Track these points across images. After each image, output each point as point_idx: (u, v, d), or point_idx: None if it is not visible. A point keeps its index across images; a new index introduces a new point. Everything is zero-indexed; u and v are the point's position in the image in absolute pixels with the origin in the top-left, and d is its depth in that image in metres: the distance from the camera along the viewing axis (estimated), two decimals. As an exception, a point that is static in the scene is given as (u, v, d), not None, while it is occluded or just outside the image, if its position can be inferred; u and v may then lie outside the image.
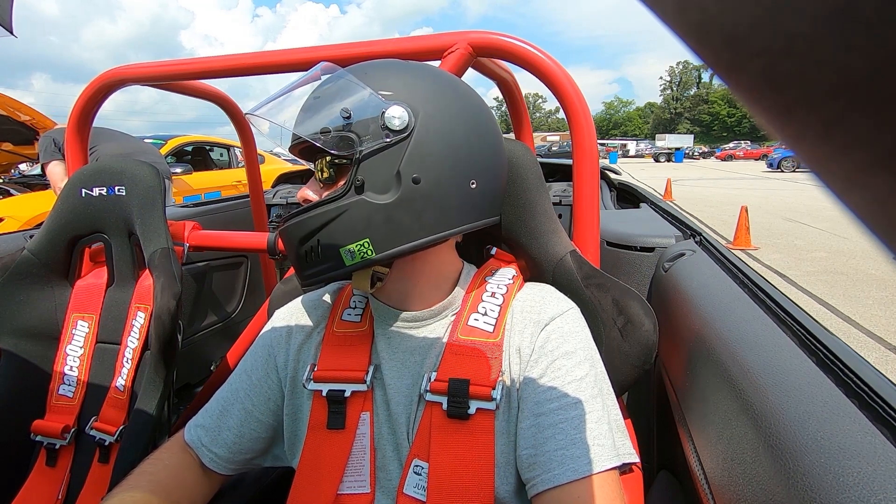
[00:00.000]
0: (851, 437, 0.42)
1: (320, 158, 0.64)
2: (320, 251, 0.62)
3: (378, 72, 0.63)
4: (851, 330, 3.18)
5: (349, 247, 0.60)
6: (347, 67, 0.65)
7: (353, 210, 0.59)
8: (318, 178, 0.65)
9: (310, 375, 0.66)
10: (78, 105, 1.26)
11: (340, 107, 0.60)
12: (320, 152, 0.63)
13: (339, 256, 0.61)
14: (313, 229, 0.62)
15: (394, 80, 0.62)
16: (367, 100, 0.60)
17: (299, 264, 0.64)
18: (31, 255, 1.10)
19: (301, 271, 0.65)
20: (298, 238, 0.63)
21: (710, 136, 75.94)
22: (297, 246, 0.63)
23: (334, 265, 0.61)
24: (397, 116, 0.58)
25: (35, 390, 1.06)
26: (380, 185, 0.59)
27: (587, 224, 0.93)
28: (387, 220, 0.59)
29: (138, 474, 0.63)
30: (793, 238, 6.11)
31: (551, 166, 2.06)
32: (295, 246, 0.64)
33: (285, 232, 0.65)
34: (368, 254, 0.60)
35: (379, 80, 0.61)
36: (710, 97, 79.40)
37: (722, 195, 11.36)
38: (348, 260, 0.61)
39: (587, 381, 0.60)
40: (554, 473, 0.55)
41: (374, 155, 0.59)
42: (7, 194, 3.81)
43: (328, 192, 0.63)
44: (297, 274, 0.66)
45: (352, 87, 0.62)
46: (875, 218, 0.12)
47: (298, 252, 0.63)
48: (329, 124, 0.60)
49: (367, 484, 0.62)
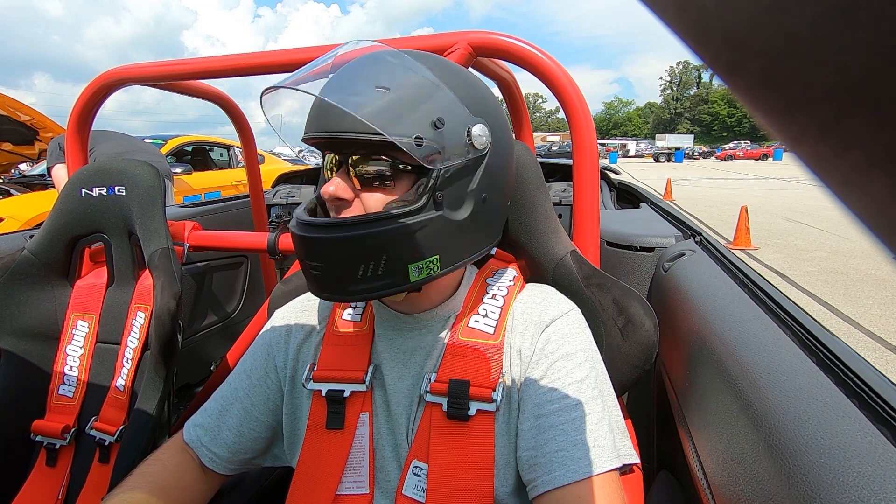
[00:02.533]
0: (851, 437, 0.42)
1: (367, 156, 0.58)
2: (384, 265, 0.56)
3: (448, 73, 0.59)
4: (851, 330, 3.18)
5: (419, 263, 0.58)
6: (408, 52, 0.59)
7: (430, 226, 0.57)
8: (355, 176, 0.59)
9: (309, 375, 0.66)
10: (78, 105, 1.26)
11: (431, 112, 0.55)
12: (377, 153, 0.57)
13: (406, 272, 0.57)
14: (384, 242, 0.55)
15: (467, 88, 0.60)
16: (456, 111, 0.57)
17: (348, 277, 0.56)
18: (31, 255, 1.10)
19: (347, 285, 0.56)
20: (360, 251, 0.55)
21: (710, 136, 75.94)
22: (352, 258, 0.56)
23: (397, 281, 0.57)
24: (481, 135, 0.59)
25: (35, 390, 1.06)
26: (455, 202, 0.59)
27: (587, 224, 0.93)
28: (456, 237, 0.60)
29: (138, 475, 0.63)
30: (793, 238, 6.11)
31: (551, 166, 2.06)
32: (349, 258, 0.56)
33: (335, 242, 0.56)
34: (435, 270, 0.59)
35: (455, 85, 0.59)
36: (710, 97, 79.40)
37: (722, 195, 11.36)
38: (414, 276, 0.58)
39: (587, 383, 0.60)
40: (555, 475, 0.55)
41: (456, 171, 0.58)
42: (7, 194, 3.81)
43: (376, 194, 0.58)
44: (338, 288, 0.57)
45: (438, 91, 0.57)
46: (875, 218, 0.12)
47: (352, 265, 0.56)
48: (421, 132, 0.54)
49: (366, 484, 0.62)
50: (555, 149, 21.60)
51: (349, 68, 0.59)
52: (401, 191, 0.58)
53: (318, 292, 0.60)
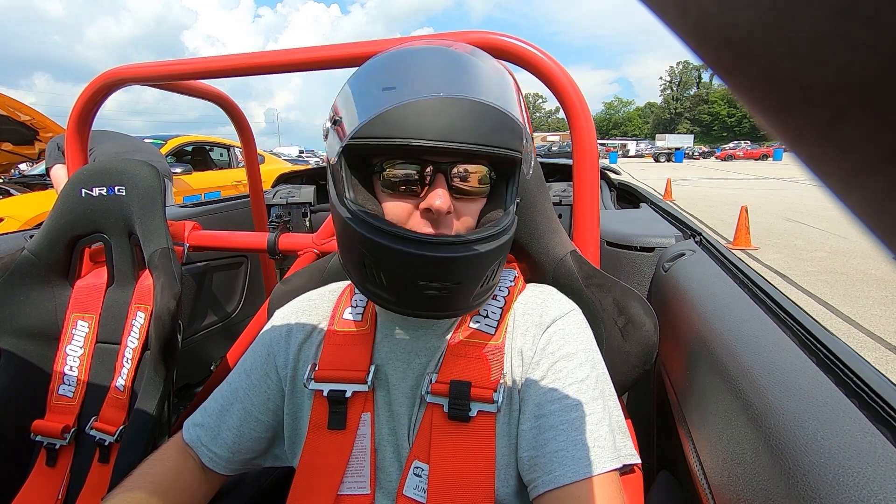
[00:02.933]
0: (851, 437, 0.42)
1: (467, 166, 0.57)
2: (497, 271, 0.61)
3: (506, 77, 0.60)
4: (851, 330, 3.18)
5: (503, 266, 0.64)
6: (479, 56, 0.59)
7: (513, 230, 0.63)
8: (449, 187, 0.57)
9: (311, 375, 0.65)
10: (78, 105, 1.26)
11: (521, 124, 0.57)
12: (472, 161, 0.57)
13: (499, 276, 0.63)
14: (504, 249, 0.60)
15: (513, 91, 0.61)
16: (523, 120, 0.59)
17: (474, 290, 0.58)
18: (31, 255, 1.10)
19: (473, 299, 0.59)
20: (490, 261, 0.57)
21: (710, 136, 75.96)
22: (483, 270, 0.57)
23: (497, 283, 0.63)
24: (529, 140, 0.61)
25: (35, 390, 1.06)
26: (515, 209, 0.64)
27: (587, 224, 0.93)
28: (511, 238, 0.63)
29: (137, 475, 0.62)
30: (793, 238, 6.11)
31: (551, 166, 2.06)
32: (482, 270, 0.57)
33: (479, 256, 0.56)
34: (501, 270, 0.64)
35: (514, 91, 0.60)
36: (710, 97, 79.41)
37: (722, 195, 11.36)
38: (498, 279, 0.63)
39: (588, 383, 0.60)
40: (555, 475, 0.55)
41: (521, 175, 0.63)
42: (7, 194, 3.81)
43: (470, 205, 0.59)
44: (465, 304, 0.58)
45: (517, 95, 0.59)
46: (875, 218, 0.12)
47: (481, 276, 0.57)
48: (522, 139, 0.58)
49: (367, 485, 0.61)
50: (555, 149, 21.60)
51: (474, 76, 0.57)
52: (484, 200, 0.61)
53: (439, 312, 0.58)
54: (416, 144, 0.53)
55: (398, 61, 0.59)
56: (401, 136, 0.53)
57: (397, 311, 0.60)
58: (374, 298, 0.60)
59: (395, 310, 0.59)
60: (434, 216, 0.56)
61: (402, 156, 0.57)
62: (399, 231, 0.55)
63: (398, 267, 0.55)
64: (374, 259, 0.56)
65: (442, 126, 0.53)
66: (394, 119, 0.54)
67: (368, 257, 0.56)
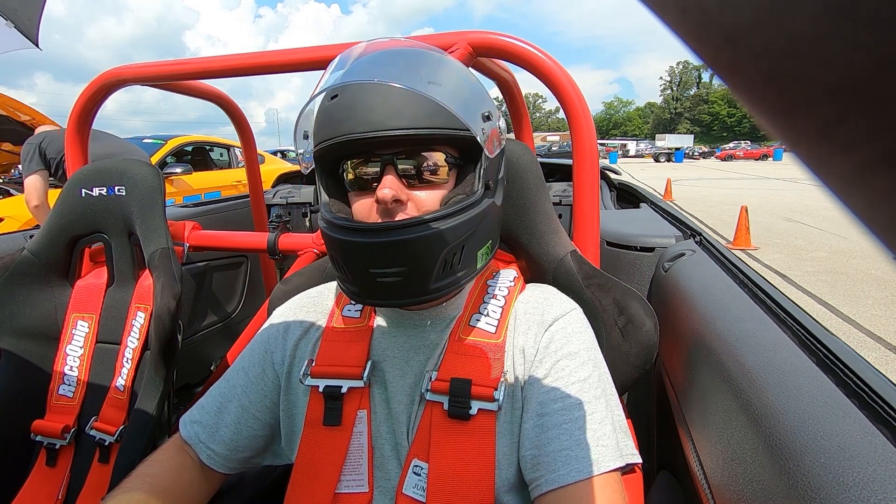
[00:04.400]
0: (851, 437, 0.42)
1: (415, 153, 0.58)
2: (462, 258, 0.58)
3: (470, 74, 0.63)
4: (851, 330, 3.18)
5: (483, 249, 0.62)
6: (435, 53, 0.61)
7: (488, 212, 0.61)
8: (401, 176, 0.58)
9: (307, 371, 0.65)
10: (78, 105, 1.26)
11: (481, 105, 0.59)
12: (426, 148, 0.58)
13: (475, 261, 0.61)
14: (463, 233, 0.57)
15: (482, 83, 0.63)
16: (490, 104, 0.61)
17: (429, 276, 0.56)
18: (31, 255, 1.10)
19: (429, 284, 0.56)
20: (443, 245, 0.56)
21: (710, 136, 75.95)
22: (436, 254, 0.55)
23: (469, 271, 0.60)
24: (504, 127, 0.64)
25: (35, 390, 1.06)
26: (495, 189, 0.63)
27: (587, 224, 0.93)
28: (497, 221, 0.64)
29: (137, 476, 0.62)
30: (793, 238, 6.11)
31: (551, 166, 2.06)
32: (433, 255, 0.55)
33: (423, 240, 0.55)
34: (489, 254, 0.63)
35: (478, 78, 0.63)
36: (710, 97, 79.40)
37: (722, 195, 11.36)
38: (480, 262, 0.62)
39: (590, 382, 0.60)
40: (558, 474, 0.55)
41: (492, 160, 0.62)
42: (7, 194, 3.82)
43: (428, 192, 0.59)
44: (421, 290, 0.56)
45: (477, 85, 0.61)
46: (875, 218, 0.12)
47: (434, 261, 0.55)
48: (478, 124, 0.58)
49: (366, 483, 0.61)
50: (555, 149, 21.60)
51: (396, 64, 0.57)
52: (450, 185, 0.61)
53: (394, 300, 0.58)
54: (348, 139, 0.56)
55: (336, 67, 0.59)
56: (338, 133, 0.56)
57: (363, 302, 0.64)
58: (346, 293, 0.62)
59: (359, 300, 0.61)
60: (383, 206, 0.57)
61: (355, 154, 0.60)
62: (346, 223, 0.57)
63: (351, 257, 0.57)
64: (336, 254, 0.59)
65: (370, 117, 0.55)
66: (331, 119, 0.57)
67: (333, 253, 0.59)
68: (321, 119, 0.59)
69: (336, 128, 0.57)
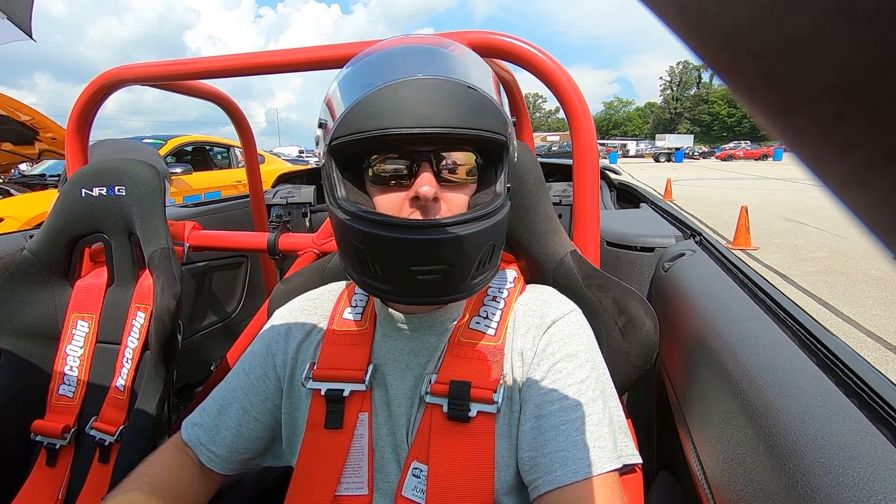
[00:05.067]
0: (851, 437, 0.42)
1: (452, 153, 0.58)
2: (492, 256, 0.60)
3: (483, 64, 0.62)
4: (851, 330, 3.18)
5: (502, 247, 0.64)
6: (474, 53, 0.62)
7: (506, 214, 0.62)
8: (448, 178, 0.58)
9: (309, 374, 0.65)
10: (78, 105, 1.26)
11: (503, 110, 0.59)
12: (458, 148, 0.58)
13: (499, 259, 0.63)
14: (499, 232, 0.60)
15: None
16: (506, 108, 0.61)
17: (469, 272, 0.57)
18: (31, 255, 1.10)
19: (468, 281, 0.58)
20: (484, 242, 0.57)
21: (710, 136, 75.94)
22: (477, 251, 0.57)
23: (495, 270, 0.62)
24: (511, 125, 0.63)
25: (35, 390, 1.06)
26: (509, 191, 0.64)
27: (587, 224, 0.93)
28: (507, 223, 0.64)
29: (136, 476, 0.62)
30: (793, 238, 6.11)
31: (551, 166, 2.06)
32: (476, 252, 0.57)
33: (471, 237, 0.56)
34: (501, 252, 0.65)
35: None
36: (710, 97, 79.38)
37: (722, 195, 11.36)
38: (497, 262, 0.63)
39: (588, 384, 0.60)
40: (556, 475, 0.55)
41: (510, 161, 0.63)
42: (7, 194, 3.82)
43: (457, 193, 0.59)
44: (460, 287, 0.57)
45: (497, 85, 0.61)
46: (875, 218, 0.12)
47: (475, 258, 0.57)
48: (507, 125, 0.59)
49: (365, 486, 0.61)
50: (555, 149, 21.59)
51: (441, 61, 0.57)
52: (474, 187, 0.62)
53: (433, 297, 0.58)
54: (392, 133, 0.53)
55: (371, 58, 0.60)
56: (377, 127, 0.54)
57: (397, 301, 0.62)
58: (374, 292, 0.60)
59: (394, 299, 0.60)
60: (422, 203, 0.56)
61: (386, 148, 0.57)
62: (388, 219, 0.55)
63: (391, 254, 0.55)
64: (369, 251, 0.56)
65: (418, 112, 0.53)
66: (369, 112, 0.54)
67: (364, 250, 0.57)
68: (359, 110, 0.55)
69: (379, 121, 0.54)
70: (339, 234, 0.61)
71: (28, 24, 1.56)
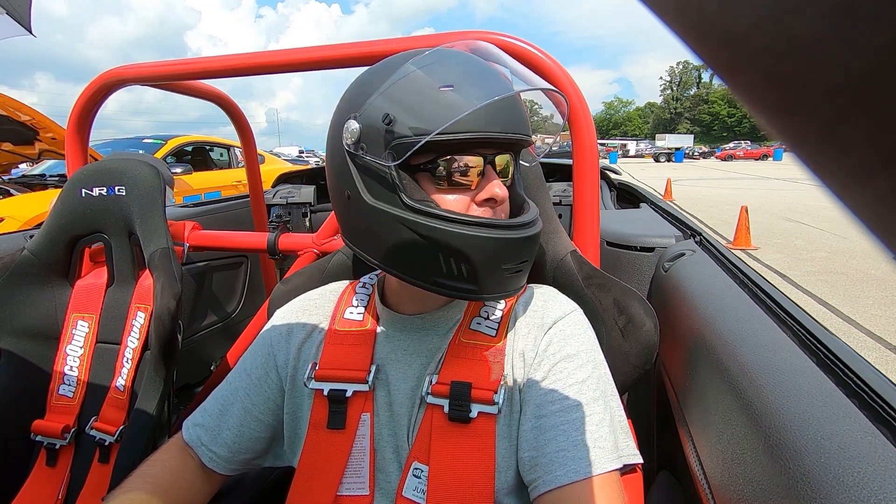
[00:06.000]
0: (851, 437, 0.42)
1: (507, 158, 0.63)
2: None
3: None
4: (851, 330, 3.18)
5: None
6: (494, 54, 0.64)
7: None
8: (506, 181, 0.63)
9: (311, 374, 0.65)
10: (78, 105, 1.26)
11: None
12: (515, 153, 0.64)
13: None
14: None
15: None
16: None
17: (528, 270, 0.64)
18: (31, 255, 1.10)
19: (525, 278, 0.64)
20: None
21: (710, 136, 75.93)
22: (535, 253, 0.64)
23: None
24: None
25: (35, 390, 1.06)
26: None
27: (587, 224, 0.93)
28: None
29: (137, 476, 0.62)
30: (793, 238, 6.11)
31: (551, 166, 2.06)
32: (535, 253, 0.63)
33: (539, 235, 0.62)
34: None
35: None
36: (710, 97, 79.37)
37: (722, 195, 11.36)
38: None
39: (589, 384, 0.60)
40: (555, 475, 0.55)
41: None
42: (7, 194, 3.82)
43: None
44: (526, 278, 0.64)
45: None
46: (875, 218, 0.12)
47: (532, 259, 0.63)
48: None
49: (367, 486, 0.61)
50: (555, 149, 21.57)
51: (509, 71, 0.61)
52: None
53: (512, 290, 0.61)
54: (494, 138, 0.57)
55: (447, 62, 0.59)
56: (478, 129, 0.56)
57: (478, 298, 0.61)
58: (450, 292, 0.58)
59: (477, 298, 0.60)
60: (495, 204, 0.60)
61: (456, 151, 0.58)
62: (489, 221, 0.57)
63: (488, 254, 0.56)
64: (461, 251, 0.56)
65: (508, 119, 0.58)
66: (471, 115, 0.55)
67: (451, 251, 0.56)
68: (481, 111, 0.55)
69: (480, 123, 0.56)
70: (402, 237, 0.57)
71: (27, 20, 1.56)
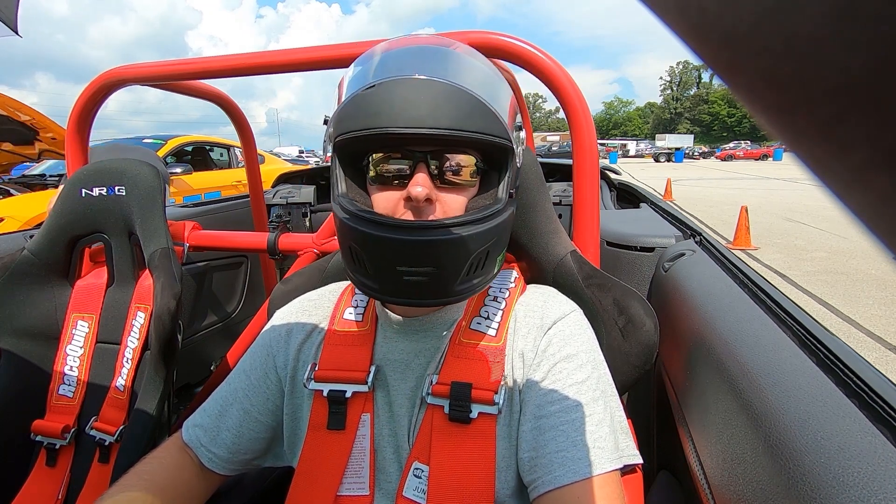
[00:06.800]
0: (851, 437, 0.42)
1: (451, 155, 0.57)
2: (486, 260, 0.58)
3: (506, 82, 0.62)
4: (851, 330, 3.18)
5: (500, 254, 0.62)
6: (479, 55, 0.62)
7: (510, 219, 0.62)
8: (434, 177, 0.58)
9: (310, 375, 0.65)
10: (78, 105, 1.26)
11: (514, 114, 0.59)
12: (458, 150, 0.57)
13: (494, 266, 0.61)
14: (490, 238, 0.57)
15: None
16: (515, 111, 0.61)
17: (456, 278, 0.56)
18: (31, 255, 1.10)
19: (454, 286, 0.56)
20: (473, 248, 0.56)
21: (710, 136, 75.92)
22: (465, 257, 0.56)
23: (488, 276, 0.60)
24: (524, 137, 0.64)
25: (35, 390, 1.06)
26: (514, 196, 0.64)
27: (587, 224, 0.93)
28: (509, 229, 0.64)
29: (134, 474, 0.62)
30: (793, 238, 6.11)
31: (551, 166, 2.06)
32: (463, 257, 0.56)
33: (456, 242, 0.55)
34: (503, 260, 0.64)
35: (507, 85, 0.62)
36: (710, 97, 79.36)
37: (722, 195, 11.36)
38: (496, 268, 0.62)
39: (589, 384, 0.60)
40: (555, 475, 0.55)
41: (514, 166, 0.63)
42: (7, 194, 3.82)
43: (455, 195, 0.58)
44: (445, 291, 0.56)
45: (511, 97, 0.61)
46: (875, 218, 0.12)
47: (462, 264, 0.56)
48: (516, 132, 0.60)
49: (367, 486, 0.61)
50: (555, 149, 21.59)
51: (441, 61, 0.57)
52: (474, 189, 0.61)
53: (417, 299, 0.57)
54: (386, 132, 0.53)
55: (374, 57, 0.59)
56: (373, 126, 0.54)
57: (380, 299, 0.62)
58: (364, 289, 0.59)
59: (378, 297, 0.59)
60: (414, 204, 0.56)
61: (386, 147, 0.58)
62: (376, 217, 0.55)
63: (379, 253, 0.55)
64: (360, 248, 0.56)
65: (413, 113, 0.53)
66: (367, 111, 0.54)
67: (355, 246, 0.57)
68: (353, 108, 0.55)
69: (372, 120, 0.54)
70: (337, 229, 0.61)
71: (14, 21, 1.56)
